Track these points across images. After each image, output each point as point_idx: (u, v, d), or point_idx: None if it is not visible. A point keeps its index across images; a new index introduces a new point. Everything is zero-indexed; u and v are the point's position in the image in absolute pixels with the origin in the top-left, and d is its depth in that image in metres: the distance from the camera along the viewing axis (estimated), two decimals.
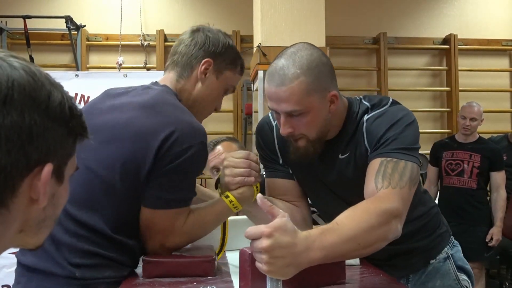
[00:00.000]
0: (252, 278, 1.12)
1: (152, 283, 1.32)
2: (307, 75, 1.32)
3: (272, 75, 1.35)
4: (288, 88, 1.32)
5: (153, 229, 1.38)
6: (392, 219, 1.21)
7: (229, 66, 1.58)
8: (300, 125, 1.37)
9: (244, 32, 5.27)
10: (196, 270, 1.37)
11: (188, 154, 1.33)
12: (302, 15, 3.65)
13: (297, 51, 1.36)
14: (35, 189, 0.67)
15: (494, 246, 3.88)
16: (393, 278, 1.37)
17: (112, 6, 5.31)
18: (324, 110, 1.38)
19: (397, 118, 1.39)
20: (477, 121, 3.97)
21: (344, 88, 5.57)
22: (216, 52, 1.54)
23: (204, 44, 1.54)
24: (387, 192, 1.26)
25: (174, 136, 1.32)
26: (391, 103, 1.46)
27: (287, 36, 3.62)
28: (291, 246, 1.04)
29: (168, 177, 1.34)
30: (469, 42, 5.79)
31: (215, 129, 5.45)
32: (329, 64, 1.39)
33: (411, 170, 1.31)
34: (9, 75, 0.65)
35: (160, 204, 1.35)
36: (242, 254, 1.16)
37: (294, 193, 1.63)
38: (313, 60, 1.34)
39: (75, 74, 3.82)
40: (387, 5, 5.75)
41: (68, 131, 0.71)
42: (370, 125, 1.41)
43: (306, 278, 1.14)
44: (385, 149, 1.35)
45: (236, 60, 1.60)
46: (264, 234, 1.02)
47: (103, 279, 1.34)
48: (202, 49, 1.54)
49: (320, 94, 1.35)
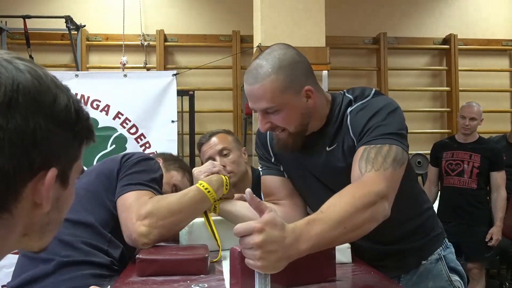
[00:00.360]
0: (242, 275, 1.13)
1: (146, 281, 1.33)
2: (279, 73, 1.39)
3: (247, 74, 1.43)
4: (261, 86, 1.39)
5: (122, 210, 1.56)
6: (378, 199, 1.22)
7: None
8: (278, 120, 1.44)
9: (244, 32, 5.27)
10: (189, 268, 1.38)
11: (142, 159, 1.72)
12: (302, 15, 3.65)
13: (272, 51, 1.44)
14: (39, 193, 0.66)
15: (494, 245, 3.87)
16: (384, 276, 1.37)
17: (112, 6, 5.32)
18: (300, 105, 1.44)
19: (379, 107, 1.43)
20: (477, 120, 3.96)
21: (344, 88, 5.56)
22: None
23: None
24: (370, 175, 1.29)
25: (132, 154, 1.78)
26: (374, 94, 1.51)
27: (287, 36, 3.62)
28: (281, 239, 1.05)
29: (129, 175, 1.66)
30: (469, 42, 5.78)
31: (215, 129, 5.45)
32: (303, 62, 1.46)
33: (396, 152, 1.33)
34: (14, 78, 0.63)
35: (124, 190, 1.61)
36: (232, 252, 1.16)
37: (283, 191, 1.69)
38: (285, 58, 1.41)
39: (75, 74, 3.83)
40: (387, 5, 5.75)
41: (74, 135, 0.70)
42: (354, 117, 1.46)
43: (295, 276, 1.14)
44: (368, 137, 1.38)
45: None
46: (256, 230, 1.03)
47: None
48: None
49: (294, 90, 1.42)
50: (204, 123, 5.35)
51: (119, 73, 4.00)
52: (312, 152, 1.54)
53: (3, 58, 0.66)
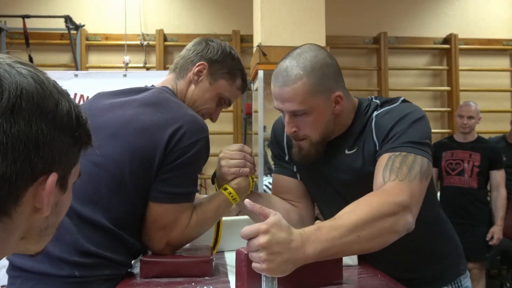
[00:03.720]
0: (248, 278, 1.12)
1: (149, 283, 1.32)
2: (310, 76, 1.34)
3: (277, 76, 1.38)
4: (291, 89, 1.34)
5: (158, 224, 1.38)
6: (400, 210, 1.16)
7: (226, 75, 1.59)
8: (304, 124, 1.39)
9: (244, 32, 5.26)
10: (194, 270, 1.37)
11: (195, 148, 1.36)
12: (302, 15, 3.64)
13: (302, 52, 1.38)
14: (39, 198, 0.66)
15: (495, 244, 3.87)
16: (391, 279, 1.35)
17: (111, 5, 5.31)
18: (328, 110, 1.39)
19: (405, 113, 1.38)
20: (475, 119, 3.97)
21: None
22: (213, 59, 1.58)
23: (203, 50, 1.60)
24: (393, 185, 1.23)
25: (181, 130, 1.35)
26: (402, 101, 1.46)
27: (287, 36, 3.62)
28: (288, 241, 1.04)
29: (175, 172, 1.36)
30: (470, 41, 5.78)
31: (215, 129, 5.42)
32: (335, 65, 1.41)
33: (421, 163, 1.28)
34: (18, 83, 0.63)
35: (167, 198, 1.37)
36: (238, 254, 1.15)
37: (296, 192, 1.63)
38: (317, 61, 1.36)
39: (74, 74, 3.81)
40: (387, 5, 5.75)
41: (74, 140, 0.70)
42: (379, 120, 1.41)
43: (302, 279, 1.13)
44: (393, 143, 1.33)
45: (234, 71, 1.60)
46: (261, 231, 1.02)
47: (101, 277, 1.33)
48: (200, 54, 1.59)
49: (324, 95, 1.37)
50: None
51: (118, 73, 3.99)
52: (329, 155, 1.48)
53: (5, 62, 0.65)
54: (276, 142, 1.65)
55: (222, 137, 5.46)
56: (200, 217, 1.44)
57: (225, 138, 5.46)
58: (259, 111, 3.72)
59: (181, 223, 1.39)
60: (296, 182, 1.63)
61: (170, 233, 1.39)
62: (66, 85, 0.76)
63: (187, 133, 1.35)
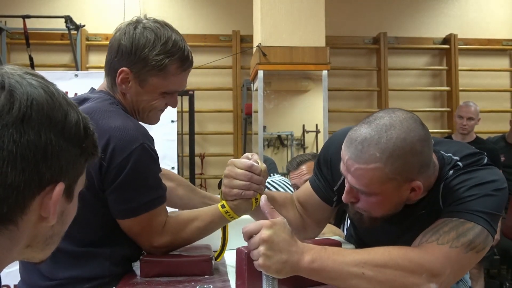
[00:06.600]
0: (248, 277, 1.12)
1: (150, 282, 1.32)
2: (388, 163, 1.09)
3: (350, 142, 1.14)
4: (361, 169, 1.12)
5: (132, 233, 1.36)
6: (424, 272, 1.05)
7: (153, 72, 1.37)
8: (365, 203, 1.19)
9: (244, 32, 5.27)
10: (194, 269, 1.37)
11: (131, 162, 1.26)
12: (302, 15, 3.65)
13: (391, 126, 1.11)
14: (46, 207, 0.67)
15: (493, 245, 3.87)
16: None
17: (111, 5, 5.31)
18: (399, 197, 1.17)
19: (485, 180, 1.19)
20: (474, 120, 3.97)
21: (344, 88, 5.57)
22: (131, 59, 1.36)
23: (117, 52, 1.37)
24: (429, 246, 1.10)
25: (110, 147, 1.25)
26: (485, 164, 1.26)
27: (287, 36, 3.63)
28: (289, 243, 1.04)
29: (122, 190, 1.29)
30: (469, 42, 5.78)
31: (215, 129, 5.46)
32: (423, 152, 1.13)
33: (478, 234, 1.11)
34: (29, 94, 0.65)
35: (125, 214, 1.32)
36: (239, 253, 1.16)
37: (317, 215, 1.51)
38: (403, 147, 1.09)
39: (74, 74, 3.81)
40: (387, 5, 5.75)
41: (81, 151, 0.71)
42: (449, 184, 1.23)
43: (302, 278, 1.14)
44: (456, 207, 1.16)
45: (162, 61, 1.37)
46: (265, 225, 1.04)
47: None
48: (116, 58, 1.38)
49: (398, 183, 1.13)
50: (203, 123, 5.35)
51: None
52: (400, 214, 1.25)
53: (16, 73, 0.67)
54: (332, 167, 1.41)
55: (222, 137, 5.47)
56: (182, 221, 1.40)
57: (225, 138, 5.47)
58: (259, 111, 3.73)
59: (154, 229, 1.35)
60: (325, 207, 1.47)
61: (149, 238, 1.36)
62: (66, 85, 0.77)
63: (117, 148, 1.25)
